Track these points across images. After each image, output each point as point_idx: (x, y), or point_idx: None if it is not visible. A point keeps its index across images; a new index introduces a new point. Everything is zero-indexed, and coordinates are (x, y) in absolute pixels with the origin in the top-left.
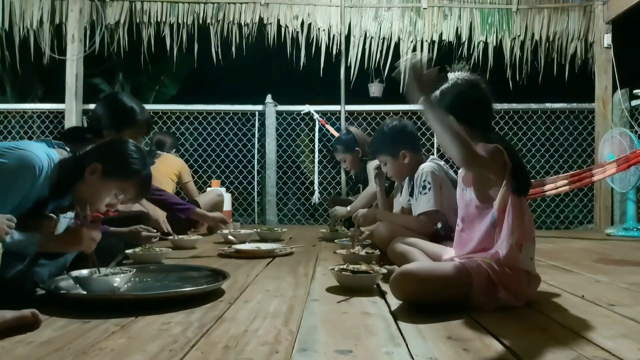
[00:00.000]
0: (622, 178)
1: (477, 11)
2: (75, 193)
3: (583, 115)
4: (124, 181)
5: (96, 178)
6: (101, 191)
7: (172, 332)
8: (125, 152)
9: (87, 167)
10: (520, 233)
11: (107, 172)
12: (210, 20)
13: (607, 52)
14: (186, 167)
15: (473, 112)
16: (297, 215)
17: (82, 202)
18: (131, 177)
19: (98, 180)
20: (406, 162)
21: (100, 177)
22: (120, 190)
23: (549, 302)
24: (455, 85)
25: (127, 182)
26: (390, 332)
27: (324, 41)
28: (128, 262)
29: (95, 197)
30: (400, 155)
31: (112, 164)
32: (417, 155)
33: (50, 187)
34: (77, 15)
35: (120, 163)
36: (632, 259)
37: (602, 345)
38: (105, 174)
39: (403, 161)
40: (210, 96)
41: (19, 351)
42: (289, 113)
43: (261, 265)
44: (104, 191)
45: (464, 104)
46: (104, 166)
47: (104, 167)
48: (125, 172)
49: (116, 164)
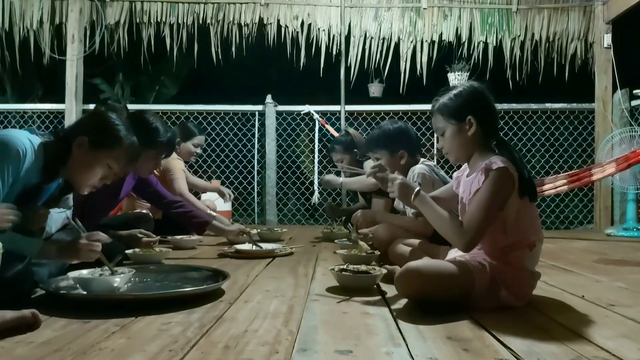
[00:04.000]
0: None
1: (477, 11)
2: (67, 172)
3: (583, 116)
4: (113, 149)
5: (84, 151)
6: (92, 164)
7: (172, 332)
8: (108, 121)
9: (73, 142)
10: (528, 233)
11: (94, 143)
12: (210, 20)
13: (607, 52)
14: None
15: (489, 114)
16: (297, 215)
17: (75, 180)
18: (118, 144)
19: (86, 153)
20: (402, 163)
21: (88, 150)
22: (110, 160)
23: (549, 302)
24: (472, 88)
25: (115, 150)
26: (390, 332)
27: (323, 41)
28: (128, 262)
29: (87, 171)
30: (398, 154)
31: (98, 134)
32: (412, 159)
33: (39, 170)
34: (77, 15)
35: (105, 132)
36: (632, 259)
37: (602, 345)
38: (92, 145)
39: (399, 160)
40: (210, 96)
41: (19, 351)
42: (289, 113)
43: (261, 266)
44: (95, 163)
45: (485, 104)
46: (90, 138)
47: (90, 139)
48: (112, 139)
49: (102, 133)
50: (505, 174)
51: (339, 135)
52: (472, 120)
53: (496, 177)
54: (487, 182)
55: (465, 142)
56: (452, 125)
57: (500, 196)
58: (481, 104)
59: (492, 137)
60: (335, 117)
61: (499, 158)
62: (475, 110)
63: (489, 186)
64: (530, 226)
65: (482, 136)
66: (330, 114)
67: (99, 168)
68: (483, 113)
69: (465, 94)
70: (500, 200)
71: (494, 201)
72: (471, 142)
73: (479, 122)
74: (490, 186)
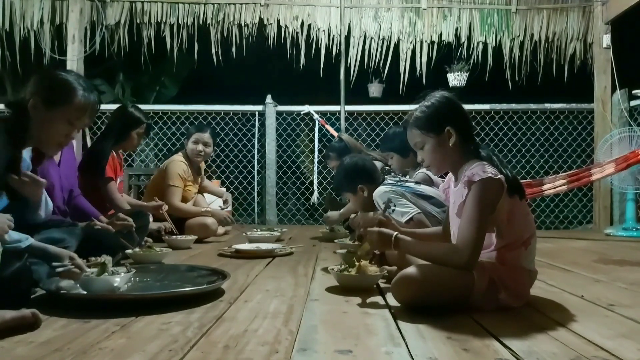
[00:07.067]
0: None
1: (476, 12)
2: (31, 136)
3: (582, 116)
4: (69, 104)
5: (40, 111)
6: (52, 122)
7: (172, 332)
8: (56, 77)
9: (28, 106)
10: (522, 232)
11: (49, 102)
12: (210, 20)
13: (606, 53)
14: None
15: (465, 122)
16: (296, 215)
17: (40, 142)
18: (73, 99)
19: (43, 113)
20: (366, 195)
21: (44, 109)
22: (69, 115)
23: (549, 302)
24: (443, 98)
25: (71, 105)
26: (390, 332)
27: (323, 41)
28: (128, 261)
29: (48, 129)
30: (358, 189)
31: (50, 92)
32: (374, 185)
33: (6, 145)
34: (77, 15)
35: (55, 88)
36: (631, 259)
37: (602, 345)
38: (47, 104)
39: (363, 194)
40: (210, 96)
41: (19, 351)
42: (289, 113)
43: (261, 265)
44: (55, 121)
45: (459, 112)
46: (43, 97)
47: (43, 99)
48: (65, 95)
49: (53, 90)
50: (488, 183)
51: (333, 141)
52: (452, 131)
53: (479, 189)
54: (472, 196)
55: (448, 153)
56: (431, 138)
57: (488, 206)
58: (456, 112)
59: (469, 143)
60: (335, 117)
61: (480, 167)
62: (451, 120)
63: (474, 200)
64: (523, 225)
65: (461, 143)
66: (330, 114)
67: (60, 125)
68: (459, 121)
69: (440, 105)
70: (489, 209)
71: (483, 213)
72: (453, 152)
73: (457, 131)
74: (476, 199)
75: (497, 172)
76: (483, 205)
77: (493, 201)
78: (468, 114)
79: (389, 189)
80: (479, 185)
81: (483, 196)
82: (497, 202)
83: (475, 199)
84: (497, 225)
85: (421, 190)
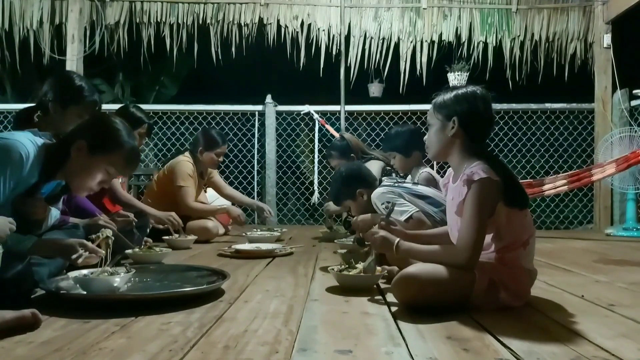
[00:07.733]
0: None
1: (476, 11)
2: (65, 174)
3: (583, 116)
4: (111, 154)
5: (82, 155)
6: (90, 168)
7: (172, 332)
8: (108, 126)
9: (72, 146)
10: (521, 233)
11: (93, 148)
12: (210, 20)
13: (607, 52)
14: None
15: (476, 122)
16: (297, 215)
17: (72, 183)
18: (117, 150)
19: (85, 157)
20: (365, 199)
21: (86, 154)
22: (108, 164)
23: (549, 302)
24: (470, 92)
25: (113, 155)
26: (390, 332)
27: (323, 41)
28: (128, 261)
29: (85, 174)
30: (357, 195)
31: (97, 139)
32: (372, 189)
33: (38, 171)
34: (77, 15)
35: (104, 137)
36: (631, 259)
37: (602, 345)
38: (91, 149)
39: (362, 199)
40: (210, 96)
41: (19, 351)
42: (289, 113)
43: (261, 265)
44: (93, 167)
45: (473, 111)
46: (88, 142)
47: (89, 143)
48: (110, 145)
49: (100, 138)
50: (487, 183)
51: (335, 140)
52: (455, 122)
53: (478, 189)
54: (471, 197)
55: (445, 141)
56: (438, 121)
57: (487, 206)
58: (473, 109)
59: (477, 143)
60: (335, 117)
61: (480, 166)
62: (463, 114)
63: (473, 200)
64: (523, 226)
65: (466, 141)
66: (330, 114)
67: (97, 172)
68: (468, 119)
69: (461, 96)
70: (488, 209)
71: (482, 213)
72: (450, 143)
73: (462, 126)
74: (475, 199)
75: (495, 174)
76: (483, 206)
77: (492, 202)
78: (490, 117)
79: (386, 190)
80: (478, 185)
81: (483, 197)
82: (496, 203)
83: (474, 199)
84: (497, 227)
85: (418, 190)
